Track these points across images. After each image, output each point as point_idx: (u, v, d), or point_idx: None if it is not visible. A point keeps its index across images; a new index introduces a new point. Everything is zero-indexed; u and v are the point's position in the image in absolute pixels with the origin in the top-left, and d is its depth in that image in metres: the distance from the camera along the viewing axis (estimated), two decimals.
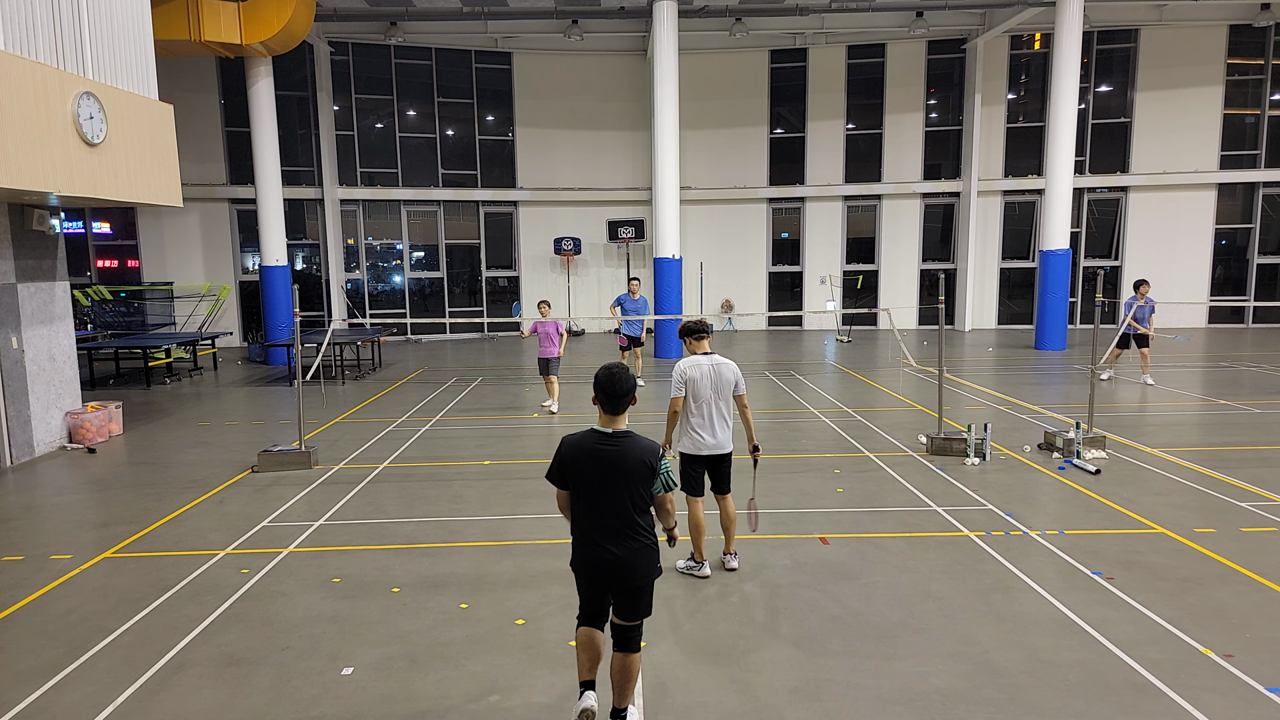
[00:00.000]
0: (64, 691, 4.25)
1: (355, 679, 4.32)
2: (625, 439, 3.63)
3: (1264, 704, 3.96)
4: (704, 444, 5.46)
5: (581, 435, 3.67)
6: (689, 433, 5.48)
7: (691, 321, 5.57)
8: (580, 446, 3.63)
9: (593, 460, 3.59)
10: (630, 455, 3.59)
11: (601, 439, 3.62)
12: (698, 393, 5.40)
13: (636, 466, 3.58)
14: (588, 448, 3.61)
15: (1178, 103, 20.96)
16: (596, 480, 3.58)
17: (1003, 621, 4.84)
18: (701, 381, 5.39)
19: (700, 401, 5.41)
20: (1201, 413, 10.76)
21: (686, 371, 5.41)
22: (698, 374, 5.40)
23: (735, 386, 5.48)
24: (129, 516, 7.08)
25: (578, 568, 3.72)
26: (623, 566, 3.59)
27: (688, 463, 5.56)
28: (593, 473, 3.58)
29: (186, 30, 14.46)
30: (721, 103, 21.63)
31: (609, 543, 3.58)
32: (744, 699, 4.09)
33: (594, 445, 3.61)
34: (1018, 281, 22.17)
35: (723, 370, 5.44)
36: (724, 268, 22.33)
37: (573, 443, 3.66)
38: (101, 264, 19.89)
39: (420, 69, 20.97)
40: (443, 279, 21.87)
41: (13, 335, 9.13)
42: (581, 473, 3.60)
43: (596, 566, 3.63)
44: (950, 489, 7.48)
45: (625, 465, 3.57)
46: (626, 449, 3.60)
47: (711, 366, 5.42)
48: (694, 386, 5.40)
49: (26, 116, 7.45)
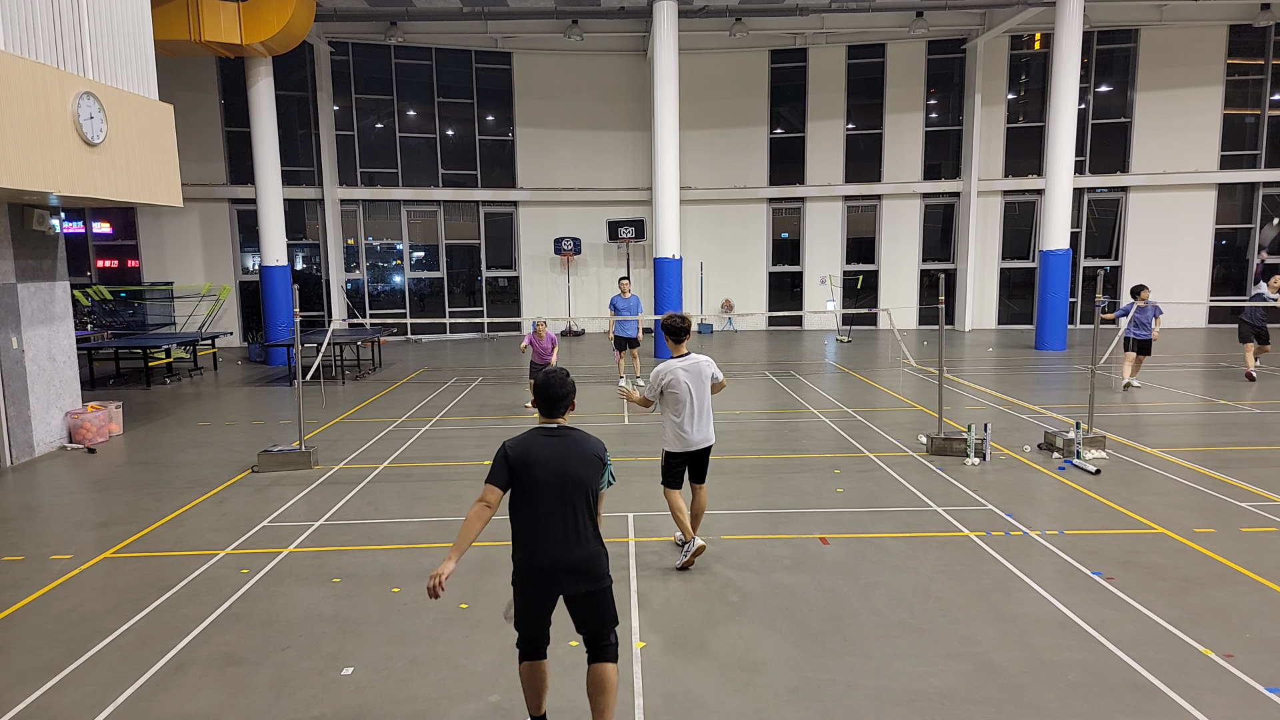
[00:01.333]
0: (64, 691, 4.25)
1: (355, 679, 4.32)
2: (574, 431, 3.59)
3: (1264, 704, 3.96)
4: (690, 440, 5.62)
5: (526, 435, 3.55)
6: (675, 432, 5.62)
7: (672, 319, 5.60)
8: (528, 444, 3.50)
9: (546, 453, 3.46)
10: (583, 446, 3.55)
11: (550, 433, 3.56)
12: (678, 396, 5.56)
13: (589, 457, 3.53)
14: (537, 443, 3.50)
15: (1178, 103, 20.96)
16: (549, 475, 3.43)
17: (1003, 621, 4.84)
18: (678, 385, 5.55)
19: (681, 403, 5.57)
20: (1201, 413, 10.76)
21: (663, 378, 5.57)
22: (672, 378, 5.56)
23: (712, 377, 5.68)
24: (129, 516, 7.08)
25: (527, 580, 3.48)
26: (576, 566, 3.44)
27: (673, 460, 5.70)
28: (546, 466, 3.44)
29: (186, 30, 14.46)
30: (721, 103, 21.63)
31: (561, 542, 3.43)
32: (744, 699, 4.09)
33: (544, 439, 3.52)
34: (1018, 281, 22.17)
35: (700, 368, 5.63)
36: (724, 268, 22.33)
37: (520, 442, 3.51)
38: (101, 264, 19.89)
39: (420, 69, 20.97)
40: (443, 279, 21.88)
41: (13, 335, 9.13)
42: (533, 471, 3.43)
43: (551, 573, 3.44)
44: (950, 489, 7.48)
45: (580, 454, 3.51)
46: (578, 439, 3.56)
47: (684, 370, 5.59)
48: (673, 390, 5.56)
49: (26, 116, 7.45)
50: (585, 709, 3.72)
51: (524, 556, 3.49)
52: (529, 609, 3.54)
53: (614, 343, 13.15)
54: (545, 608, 3.54)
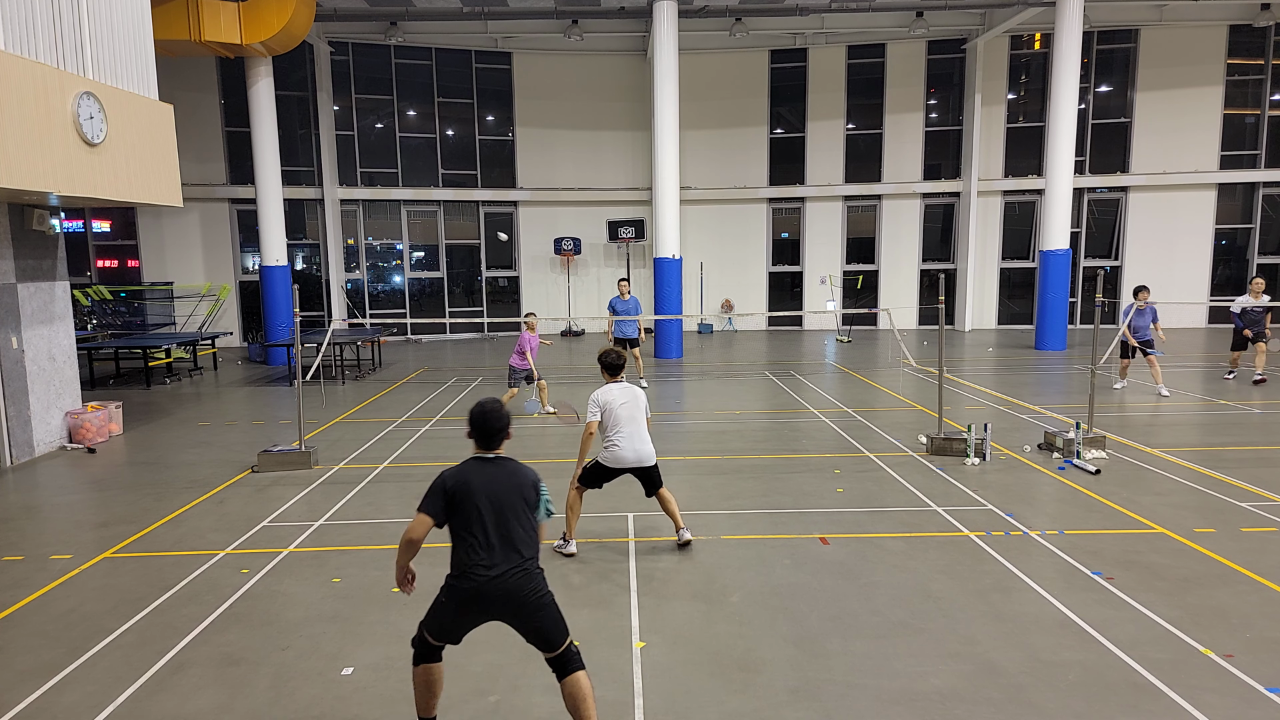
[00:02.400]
0: (64, 691, 4.25)
1: (355, 679, 4.32)
2: (511, 462, 3.67)
3: (1264, 704, 3.96)
4: (623, 459, 5.88)
5: (463, 466, 3.60)
6: (611, 448, 5.90)
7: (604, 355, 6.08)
8: (466, 476, 3.56)
9: (484, 484, 3.54)
10: (519, 477, 3.64)
11: (489, 464, 3.62)
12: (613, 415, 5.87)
13: (525, 488, 3.62)
14: (476, 474, 3.57)
15: (1178, 103, 20.96)
16: (487, 505, 3.51)
17: (1003, 621, 4.84)
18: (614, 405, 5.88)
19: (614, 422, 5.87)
20: (1201, 413, 10.76)
21: (600, 398, 5.91)
22: (610, 398, 5.89)
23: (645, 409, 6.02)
24: (129, 516, 7.08)
25: (460, 602, 3.53)
26: (514, 594, 3.51)
27: (598, 467, 6.00)
28: (483, 498, 3.52)
29: (186, 30, 14.46)
30: (721, 103, 21.63)
31: (498, 571, 3.48)
32: (744, 699, 4.09)
33: (482, 469, 3.59)
34: (1018, 281, 22.17)
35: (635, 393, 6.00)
36: (724, 268, 22.33)
37: (457, 473, 3.58)
38: (101, 264, 19.89)
39: (420, 69, 20.97)
40: (443, 279, 21.88)
41: (13, 335, 9.13)
42: (470, 502, 3.51)
43: (488, 597, 3.49)
44: (950, 489, 7.48)
45: (515, 488, 3.59)
46: (515, 470, 3.65)
47: (622, 390, 5.95)
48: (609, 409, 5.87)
49: (26, 116, 7.46)
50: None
51: (457, 583, 3.53)
52: (453, 627, 3.62)
53: (613, 344, 13.05)
54: (469, 627, 3.64)
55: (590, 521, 6.72)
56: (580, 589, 5.40)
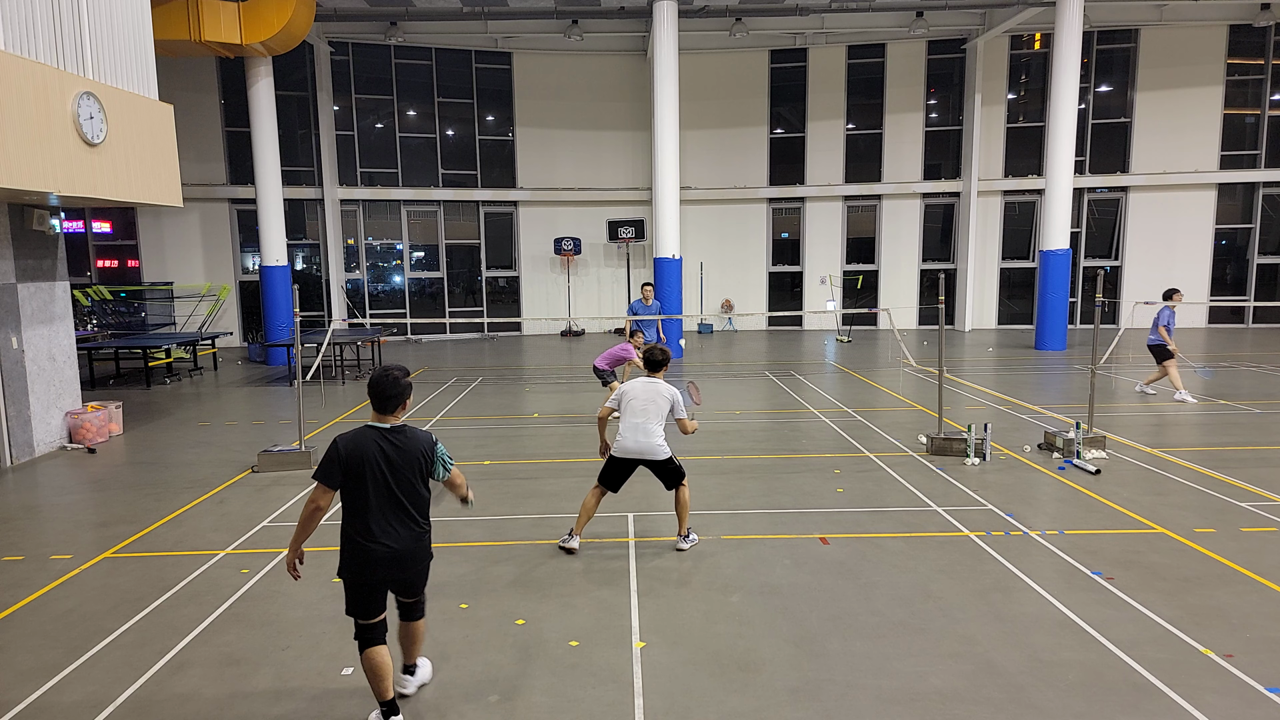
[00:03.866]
0: (64, 691, 4.25)
1: (355, 679, 4.31)
2: (405, 431, 3.78)
3: (1264, 704, 3.96)
4: (625, 448, 5.99)
5: (358, 433, 3.72)
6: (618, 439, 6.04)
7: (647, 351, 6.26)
8: (360, 444, 3.67)
9: (378, 454, 3.66)
10: (413, 445, 3.75)
11: (382, 434, 3.72)
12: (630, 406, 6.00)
13: (418, 456, 3.76)
14: (370, 443, 3.68)
15: (1178, 103, 20.97)
16: (381, 474, 3.66)
17: (1003, 621, 4.84)
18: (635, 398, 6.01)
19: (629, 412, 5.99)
20: (1201, 413, 10.76)
21: (624, 388, 6.14)
22: (632, 390, 6.06)
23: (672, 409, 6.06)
24: (129, 516, 7.08)
25: (356, 568, 3.71)
26: (405, 557, 3.73)
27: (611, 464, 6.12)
28: (377, 467, 3.65)
29: (186, 30, 14.46)
30: (721, 103, 21.63)
31: (392, 535, 3.68)
32: (744, 699, 4.09)
33: (376, 440, 3.70)
34: (1018, 281, 22.17)
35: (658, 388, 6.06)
36: (724, 268, 22.33)
37: (351, 440, 3.68)
38: (101, 264, 19.89)
39: (420, 69, 20.97)
40: (443, 279, 21.88)
41: (13, 335, 9.13)
42: (364, 470, 3.64)
43: (378, 561, 3.68)
44: (950, 489, 7.48)
45: (409, 455, 3.72)
46: (409, 439, 3.76)
47: (646, 385, 6.07)
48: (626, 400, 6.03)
49: (26, 116, 7.46)
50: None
51: (352, 549, 3.71)
52: (366, 597, 3.77)
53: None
54: (375, 590, 3.78)
55: (590, 521, 6.72)
56: (580, 589, 5.40)
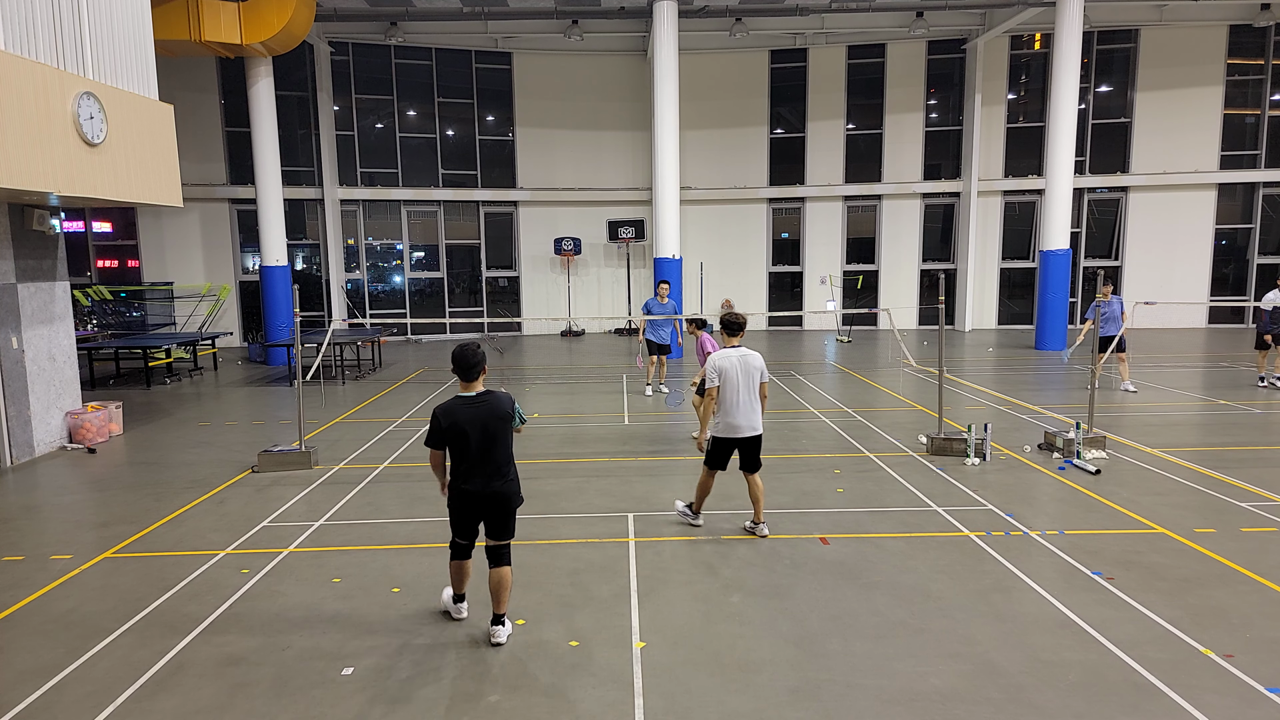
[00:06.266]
0: (64, 691, 4.25)
1: (355, 679, 4.32)
2: (488, 396, 4.66)
3: (1264, 704, 3.96)
4: (737, 426, 6.06)
5: (451, 404, 4.63)
6: (722, 417, 6.10)
7: (730, 315, 6.25)
8: (455, 413, 4.59)
9: (469, 419, 4.56)
10: (496, 408, 4.63)
11: (470, 402, 4.62)
12: (729, 382, 6.02)
13: (502, 414, 4.63)
14: (462, 411, 4.59)
15: (1178, 103, 20.96)
16: (475, 434, 4.54)
17: (1003, 621, 4.84)
18: (732, 372, 6.03)
19: (730, 390, 6.02)
20: (1201, 413, 10.76)
21: (718, 363, 6.07)
22: (728, 364, 6.04)
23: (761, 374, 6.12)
24: (129, 516, 7.08)
25: (459, 504, 4.67)
26: (499, 497, 4.63)
27: (718, 444, 6.21)
28: (471, 429, 4.54)
29: (186, 30, 14.45)
30: (721, 103, 21.62)
31: (487, 481, 4.60)
32: (744, 699, 4.09)
33: (465, 407, 4.60)
34: (1018, 281, 22.17)
35: (750, 360, 6.10)
36: (724, 268, 22.32)
37: (447, 410, 4.61)
38: (101, 264, 19.88)
39: (420, 69, 20.97)
40: (443, 279, 21.88)
41: (13, 335, 9.13)
42: (460, 432, 4.55)
43: (477, 500, 4.61)
44: (950, 489, 7.48)
45: (495, 415, 4.60)
46: (492, 404, 4.63)
47: (740, 359, 6.08)
48: (725, 376, 6.02)
49: (26, 116, 7.46)
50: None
51: (458, 488, 4.65)
52: (461, 524, 4.74)
53: (644, 347, 12.71)
54: (471, 522, 4.72)
55: (590, 522, 6.73)
56: (580, 589, 5.40)
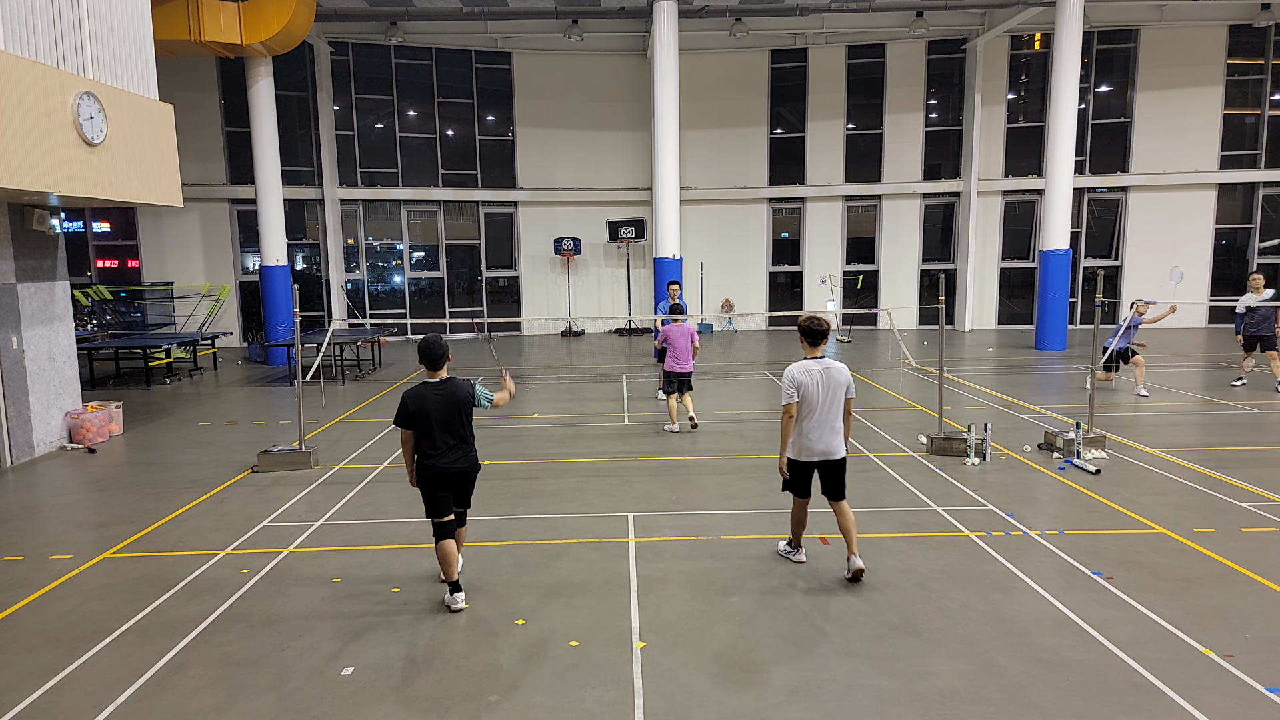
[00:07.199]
0: (64, 691, 4.25)
1: (355, 679, 4.32)
2: (450, 382, 5.12)
3: (1264, 704, 3.96)
4: (812, 448, 5.38)
5: (419, 389, 5.08)
6: (798, 435, 5.41)
7: (810, 321, 5.42)
8: (421, 396, 5.05)
9: (435, 402, 5.04)
10: (458, 392, 5.11)
11: (435, 387, 5.09)
12: (807, 398, 5.32)
13: (464, 398, 5.11)
14: (427, 395, 5.05)
15: (1178, 103, 20.95)
16: (438, 416, 5.02)
17: (1003, 621, 4.84)
18: (812, 387, 5.31)
19: (810, 407, 5.32)
20: (1201, 413, 10.76)
21: (796, 376, 5.34)
22: (808, 379, 5.32)
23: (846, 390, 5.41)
24: (129, 516, 7.08)
25: (429, 480, 5.08)
26: (463, 471, 5.16)
27: (795, 467, 5.51)
28: (435, 411, 5.02)
29: (186, 30, 14.45)
30: (721, 103, 21.62)
31: (451, 458, 5.08)
32: (744, 699, 4.09)
33: (431, 392, 5.06)
34: (1018, 281, 22.16)
35: (834, 374, 5.36)
36: (724, 268, 22.32)
37: (414, 394, 5.07)
38: (101, 264, 19.88)
39: (420, 69, 20.96)
40: (443, 279, 21.87)
41: (13, 335, 9.13)
42: (425, 414, 5.02)
43: (445, 475, 5.07)
44: (950, 489, 7.48)
45: (456, 400, 5.09)
46: (454, 389, 5.11)
47: (822, 372, 5.34)
48: (804, 392, 5.31)
49: (26, 116, 7.46)
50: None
51: (425, 465, 5.08)
52: (435, 502, 5.11)
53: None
54: (443, 494, 5.12)
55: (590, 521, 6.73)
56: (580, 589, 5.40)
